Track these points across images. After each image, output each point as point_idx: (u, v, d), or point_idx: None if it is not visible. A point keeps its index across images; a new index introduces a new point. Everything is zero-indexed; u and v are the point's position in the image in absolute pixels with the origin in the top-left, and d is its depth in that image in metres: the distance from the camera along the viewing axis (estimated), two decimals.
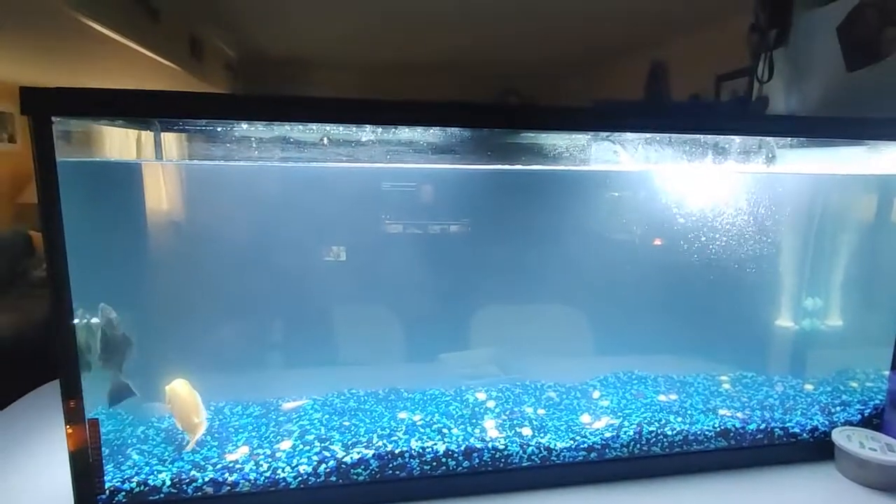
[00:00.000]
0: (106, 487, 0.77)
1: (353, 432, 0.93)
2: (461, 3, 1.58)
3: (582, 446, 0.93)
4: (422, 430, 0.93)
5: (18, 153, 4.60)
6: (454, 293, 1.19)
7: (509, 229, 1.19)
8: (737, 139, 1.03)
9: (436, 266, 1.14)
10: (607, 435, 0.95)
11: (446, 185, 1.12)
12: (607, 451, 0.94)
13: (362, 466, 0.85)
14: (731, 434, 0.98)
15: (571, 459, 0.92)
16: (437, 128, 0.85)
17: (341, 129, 0.86)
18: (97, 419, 0.76)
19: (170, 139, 0.96)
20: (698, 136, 0.99)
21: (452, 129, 0.87)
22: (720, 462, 0.97)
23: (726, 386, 1.17)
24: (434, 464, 0.87)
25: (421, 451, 0.87)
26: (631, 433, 0.95)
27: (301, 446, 0.89)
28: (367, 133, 0.84)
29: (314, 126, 0.89)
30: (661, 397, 1.11)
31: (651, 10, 1.47)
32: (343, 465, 0.84)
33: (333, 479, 0.84)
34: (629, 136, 0.97)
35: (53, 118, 0.67)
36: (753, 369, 1.23)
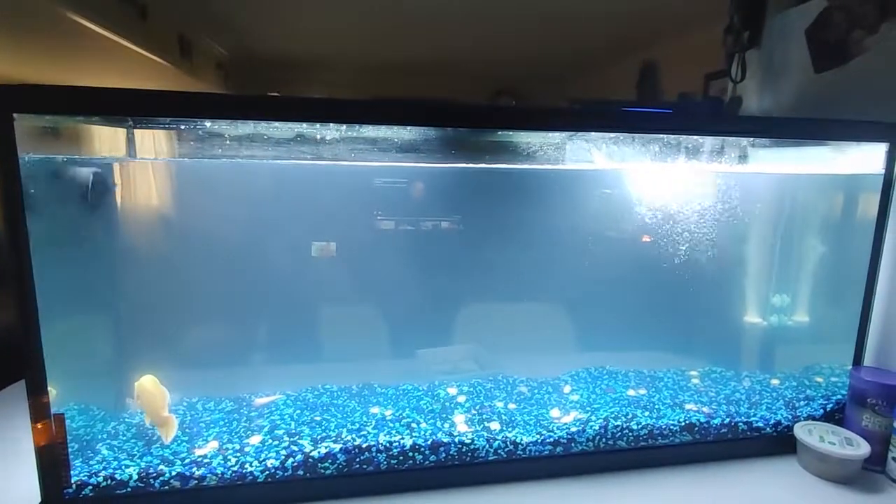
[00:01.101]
0: (73, 482, 0.78)
1: (323, 427, 0.94)
2: (449, 4, 1.59)
3: (548, 440, 0.94)
4: (391, 425, 0.95)
5: None
6: (431, 290, 1.20)
7: (485, 227, 1.20)
8: (707, 138, 1.05)
9: (413, 263, 1.16)
10: (574, 429, 0.96)
11: (424, 183, 1.14)
12: (573, 444, 0.96)
13: (329, 461, 0.86)
14: (697, 428, 1.00)
15: (537, 453, 0.94)
16: (408, 127, 0.86)
17: (306, 126, 0.87)
18: (62, 415, 0.76)
19: (142, 136, 0.97)
20: (668, 136, 1.01)
21: (420, 127, 0.88)
22: (685, 456, 0.99)
23: (695, 381, 1.19)
24: (401, 458, 0.89)
25: (388, 445, 0.89)
26: (597, 427, 0.97)
27: (270, 441, 0.90)
28: (332, 131, 0.85)
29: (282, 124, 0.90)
30: (630, 392, 1.12)
31: (623, 11, 1.49)
32: (311, 460, 0.85)
33: (300, 472, 0.85)
34: (597, 135, 0.98)
35: (15, 115, 0.68)
36: (722, 364, 1.25)
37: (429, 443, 0.90)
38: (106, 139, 0.96)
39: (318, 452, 0.86)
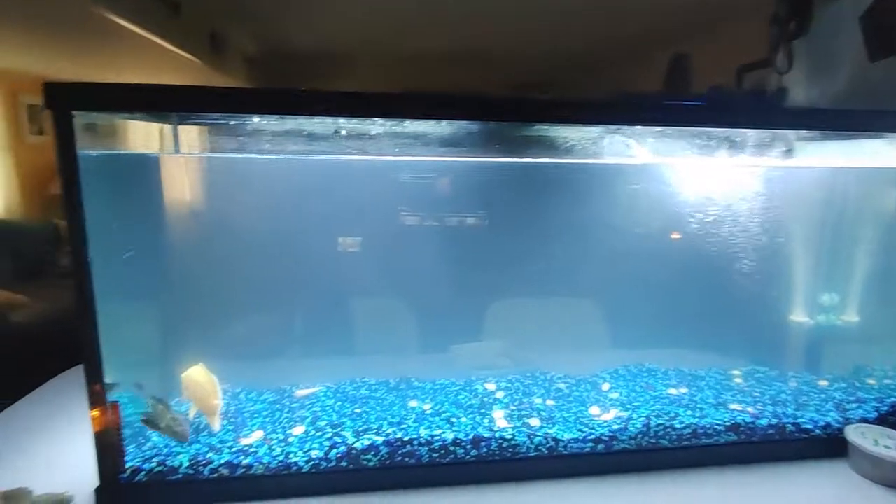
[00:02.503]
0: (127, 467, 0.81)
1: (363, 419, 0.95)
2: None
3: (590, 438, 0.93)
4: (431, 419, 0.95)
5: (48, 145, 4.72)
6: (466, 286, 1.20)
7: (521, 222, 1.19)
8: (752, 132, 1.02)
9: (448, 259, 1.15)
10: (615, 427, 0.95)
11: (459, 178, 1.13)
12: (615, 442, 0.94)
13: (372, 452, 0.87)
14: (742, 429, 0.98)
15: (579, 450, 0.93)
16: (446, 121, 0.85)
17: (353, 121, 0.88)
18: (118, 402, 0.79)
19: (186, 132, 0.99)
20: (712, 129, 0.98)
21: (461, 122, 0.87)
22: (730, 456, 0.97)
23: (738, 380, 1.16)
24: (443, 452, 0.89)
25: (430, 439, 0.89)
26: (639, 425, 0.95)
27: (313, 432, 0.91)
28: (377, 126, 0.85)
29: (328, 119, 0.91)
30: (671, 390, 1.10)
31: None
32: (354, 451, 0.86)
33: (344, 464, 0.86)
34: (639, 129, 0.96)
35: (74, 112, 0.70)
36: (767, 364, 1.22)
37: (470, 437, 0.90)
38: (153, 135, 0.99)
39: (361, 444, 0.87)
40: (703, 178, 1.14)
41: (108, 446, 0.79)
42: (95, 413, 0.78)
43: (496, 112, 0.81)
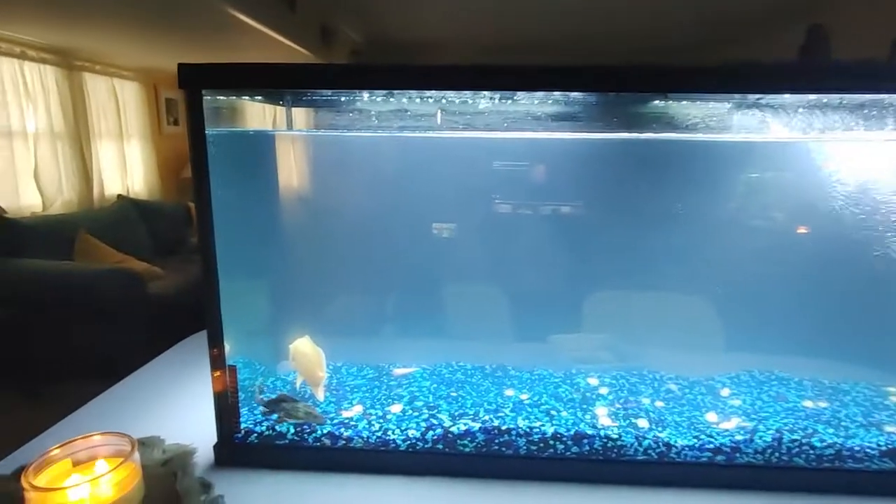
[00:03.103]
0: (242, 428, 0.86)
1: (459, 403, 0.94)
2: None
3: (707, 446, 0.84)
4: (529, 410, 0.91)
5: (182, 135, 5.30)
6: (569, 273, 1.13)
7: (632, 207, 1.10)
8: None
9: (552, 244, 1.10)
10: (738, 438, 0.85)
11: (565, 160, 1.07)
12: (738, 455, 0.84)
13: (469, 438, 0.85)
14: None
15: (694, 459, 0.84)
16: (560, 94, 0.80)
17: (457, 100, 0.85)
18: (235, 366, 0.84)
19: (300, 113, 1.02)
20: (879, 96, 0.82)
21: (575, 96, 0.81)
22: (886, 486, 0.82)
23: (895, 399, 0.99)
24: (542, 445, 0.85)
25: (528, 430, 0.85)
26: (768, 439, 0.84)
27: (410, 411, 0.91)
28: (485, 101, 0.82)
29: (431, 99, 0.89)
30: (808, 403, 0.96)
31: None
32: (450, 435, 0.85)
33: (440, 446, 0.85)
34: (787, 99, 0.83)
35: (204, 92, 0.75)
36: None
37: (571, 433, 0.85)
38: (270, 115, 1.04)
39: (458, 429, 0.85)
40: (860, 158, 0.97)
41: (226, 407, 0.85)
42: (216, 375, 0.83)
43: (622, 82, 0.74)
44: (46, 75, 3.27)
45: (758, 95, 0.82)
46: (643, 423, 0.89)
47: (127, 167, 4.04)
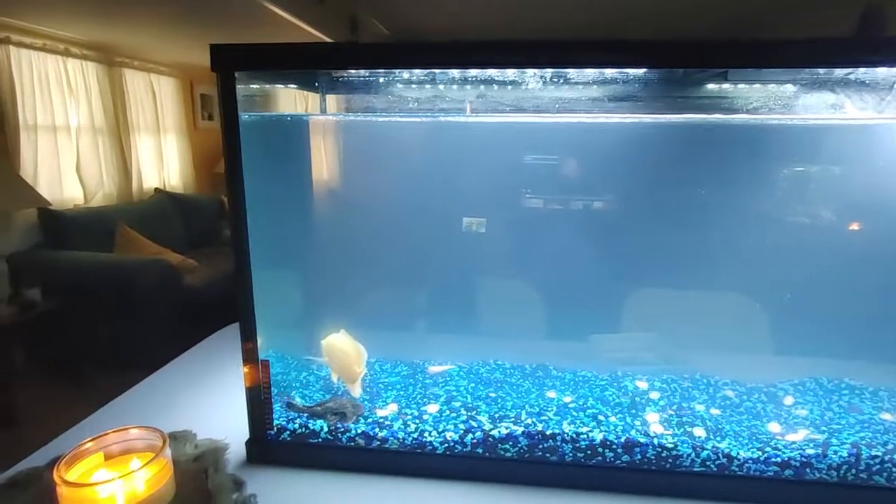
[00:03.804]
0: (274, 425, 0.83)
1: (499, 405, 0.88)
2: None
3: (773, 460, 0.77)
4: (574, 414, 0.85)
5: (216, 130, 5.38)
6: (613, 270, 1.07)
7: (683, 202, 1.02)
8: None
9: (598, 238, 1.03)
10: (809, 451, 0.77)
11: (616, 148, 0.99)
12: (808, 470, 0.76)
13: (510, 443, 0.80)
14: None
15: (759, 473, 0.77)
16: (616, 73, 0.73)
17: (496, 85, 0.79)
18: (268, 360, 0.81)
19: (333, 99, 0.99)
20: None
21: (633, 75, 0.74)
22: None
23: None
24: (589, 452, 0.79)
25: (575, 436, 0.79)
26: (844, 454, 0.76)
27: (447, 412, 0.87)
28: (535, 80, 0.76)
29: (469, 87, 0.84)
30: (886, 416, 0.87)
31: None
32: (490, 439, 0.80)
33: (480, 451, 0.80)
34: (880, 75, 0.74)
35: (237, 76, 0.71)
36: None
37: (622, 440, 0.79)
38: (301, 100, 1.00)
39: (499, 432, 0.80)
40: None
41: (258, 403, 0.82)
42: (248, 369, 0.81)
43: (686, 57, 0.67)
44: (88, 71, 3.35)
45: (846, 71, 0.73)
46: (699, 431, 0.82)
47: (163, 161, 4.12)
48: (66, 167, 3.25)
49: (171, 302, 2.74)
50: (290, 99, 1.35)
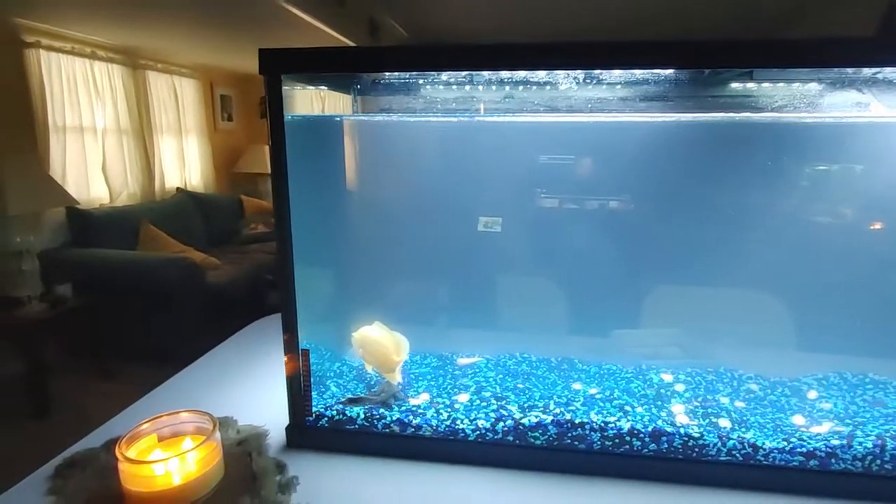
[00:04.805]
0: (313, 411, 0.87)
1: (527, 395, 0.91)
2: None
3: (798, 450, 0.78)
4: (601, 404, 0.88)
5: (235, 130, 5.46)
6: (636, 266, 1.09)
7: (706, 199, 1.04)
8: None
9: (623, 234, 1.06)
10: (834, 442, 0.79)
11: (641, 146, 1.02)
12: (832, 461, 0.78)
13: (540, 431, 0.83)
14: None
15: (784, 463, 0.79)
16: (646, 73, 0.76)
17: (524, 86, 0.82)
18: (308, 350, 0.85)
19: (364, 100, 1.02)
20: None
21: (660, 76, 0.77)
22: None
23: None
24: (617, 441, 0.81)
25: (603, 425, 0.82)
26: (869, 445, 0.78)
27: (478, 401, 0.90)
28: (568, 81, 0.79)
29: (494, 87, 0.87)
30: None
31: None
32: (521, 427, 0.83)
33: (510, 438, 0.83)
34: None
35: (283, 76, 0.75)
36: None
37: (649, 429, 0.81)
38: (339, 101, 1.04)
39: (529, 420, 0.83)
40: None
41: (297, 390, 0.86)
42: (289, 358, 0.84)
43: (717, 57, 0.69)
44: (114, 74, 3.44)
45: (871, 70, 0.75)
46: (724, 422, 0.84)
47: (185, 161, 4.20)
48: (93, 167, 3.34)
49: (195, 298, 2.81)
50: (306, 99, 1.39)
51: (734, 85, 0.95)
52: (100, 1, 2.58)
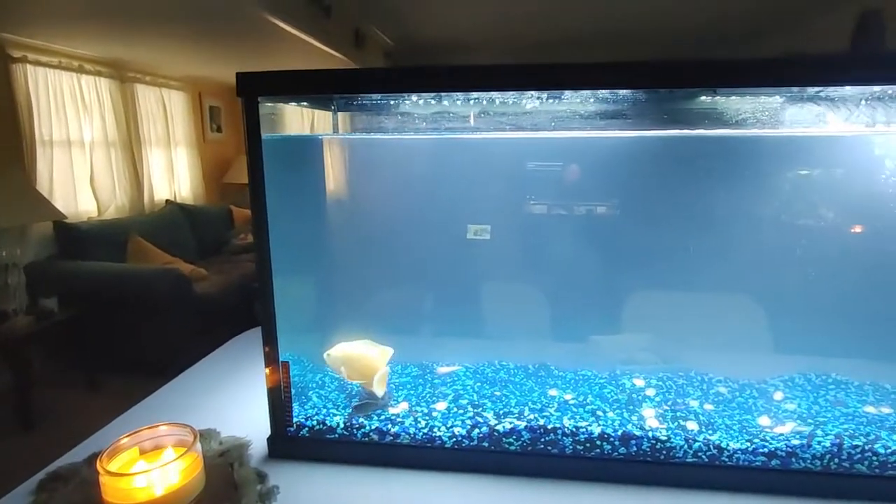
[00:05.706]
0: (294, 422, 0.89)
1: (503, 402, 0.94)
2: None
3: (761, 450, 0.82)
4: (574, 410, 0.91)
5: (224, 141, 5.47)
6: (610, 273, 1.12)
7: (679, 206, 1.08)
8: None
9: (595, 244, 1.09)
10: (795, 442, 0.82)
11: (609, 159, 1.06)
12: (793, 460, 0.81)
13: (514, 437, 0.85)
14: None
15: (747, 463, 0.82)
16: (608, 92, 0.79)
17: (497, 101, 0.86)
18: (287, 362, 0.87)
19: (345, 117, 1.05)
20: None
21: (623, 94, 0.80)
22: None
23: None
24: (588, 445, 0.84)
25: (575, 429, 0.85)
26: (827, 444, 0.81)
27: (455, 409, 0.92)
28: (532, 100, 0.82)
29: (472, 101, 0.90)
30: (869, 408, 0.92)
31: None
32: (496, 433, 0.86)
33: (485, 444, 0.86)
34: (848, 92, 0.80)
35: (259, 98, 0.78)
36: None
37: (619, 433, 0.84)
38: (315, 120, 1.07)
39: (503, 427, 0.86)
40: None
41: (279, 401, 0.88)
42: (269, 370, 0.87)
43: (672, 77, 0.73)
44: (101, 87, 3.45)
45: (817, 88, 0.79)
46: (692, 425, 0.88)
47: (174, 173, 4.21)
48: (81, 180, 3.34)
49: (183, 310, 2.81)
50: (296, 114, 1.42)
51: (703, 99, 0.99)
52: (87, 15, 2.60)
